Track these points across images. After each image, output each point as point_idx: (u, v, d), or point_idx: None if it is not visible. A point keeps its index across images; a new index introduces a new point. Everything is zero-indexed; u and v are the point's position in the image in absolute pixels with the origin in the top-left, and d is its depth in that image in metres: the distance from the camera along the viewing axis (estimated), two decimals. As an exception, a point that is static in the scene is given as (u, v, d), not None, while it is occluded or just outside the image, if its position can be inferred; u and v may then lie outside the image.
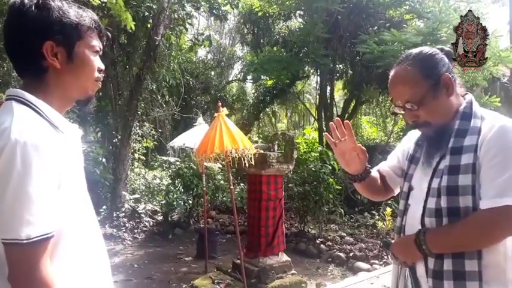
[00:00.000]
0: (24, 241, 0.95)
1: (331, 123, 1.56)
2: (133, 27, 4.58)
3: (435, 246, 1.30)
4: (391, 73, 1.49)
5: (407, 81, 1.40)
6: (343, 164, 1.61)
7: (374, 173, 1.69)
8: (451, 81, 1.41)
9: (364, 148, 1.56)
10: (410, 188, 1.50)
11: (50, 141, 1.02)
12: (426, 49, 1.47)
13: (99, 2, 4.26)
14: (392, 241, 1.54)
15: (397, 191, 1.69)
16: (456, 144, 1.34)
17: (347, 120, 1.57)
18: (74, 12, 1.14)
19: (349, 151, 1.56)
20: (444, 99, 1.40)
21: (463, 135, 1.34)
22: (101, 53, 1.23)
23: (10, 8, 1.13)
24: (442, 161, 1.38)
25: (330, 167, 7.21)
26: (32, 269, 0.97)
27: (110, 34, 1.31)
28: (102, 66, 1.24)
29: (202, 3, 9.24)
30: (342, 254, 6.04)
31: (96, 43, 1.20)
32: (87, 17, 1.17)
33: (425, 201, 1.38)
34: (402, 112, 1.45)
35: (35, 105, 1.08)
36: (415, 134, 1.62)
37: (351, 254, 5.97)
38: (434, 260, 1.31)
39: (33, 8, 1.09)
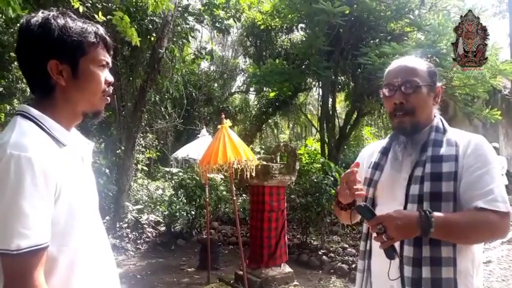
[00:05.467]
0: (14, 252, 0.97)
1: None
2: (138, 43, 4.66)
3: (440, 231, 1.28)
4: (400, 60, 1.56)
5: (417, 66, 1.49)
6: (342, 192, 1.49)
7: None
8: (440, 94, 1.52)
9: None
10: (374, 195, 1.54)
11: (46, 155, 1.04)
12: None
13: (104, 19, 4.35)
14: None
15: None
16: (435, 153, 1.41)
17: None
18: (77, 28, 1.15)
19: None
20: (431, 103, 1.50)
21: (439, 145, 1.43)
22: (109, 66, 1.24)
23: (19, 28, 1.17)
24: (417, 168, 1.44)
25: (332, 178, 7.23)
26: (23, 279, 0.99)
27: (113, 47, 1.34)
28: (111, 79, 1.24)
29: (206, 16, 9.37)
30: (344, 266, 6.02)
31: (102, 57, 1.20)
32: (92, 31, 1.18)
33: (405, 208, 1.41)
34: (390, 93, 1.48)
35: (38, 120, 1.11)
36: (372, 147, 1.70)
37: (353, 266, 5.94)
38: (412, 267, 1.35)
39: (37, 28, 1.11)
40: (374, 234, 1.35)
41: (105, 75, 1.22)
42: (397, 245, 1.40)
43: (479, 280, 1.40)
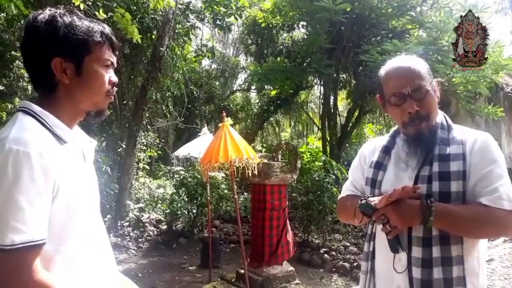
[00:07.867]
0: (8, 247, 0.95)
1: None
2: (139, 40, 4.64)
3: (440, 221, 1.29)
4: (397, 62, 1.48)
5: (419, 68, 1.43)
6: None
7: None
8: (438, 88, 1.48)
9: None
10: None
11: (46, 151, 1.03)
12: None
13: (105, 16, 4.33)
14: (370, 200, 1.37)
15: None
16: (443, 152, 1.38)
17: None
18: (83, 27, 1.14)
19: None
20: (436, 101, 1.45)
21: (446, 144, 1.40)
22: (115, 66, 1.23)
23: (25, 24, 1.16)
24: (424, 167, 1.40)
25: (334, 177, 7.21)
26: (18, 275, 0.97)
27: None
28: (115, 79, 1.23)
29: (207, 14, 9.35)
30: (346, 264, 6.01)
31: (107, 56, 1.19)
32: (98, 30, 1.17)
33: None
34: (400, 102, 1.41)
35: (39, 116, 1.10)
36: (373, 145, 1.65)
37: (355, 264, 5.94)
38: (421, 269, 1.32)
39: (43, 25, 1.11)
40: (380, 226, 1.35)
41: (110, 75, 1.21)
42: (404, 244, 1.38)
43: (484, 278, 1.39)
